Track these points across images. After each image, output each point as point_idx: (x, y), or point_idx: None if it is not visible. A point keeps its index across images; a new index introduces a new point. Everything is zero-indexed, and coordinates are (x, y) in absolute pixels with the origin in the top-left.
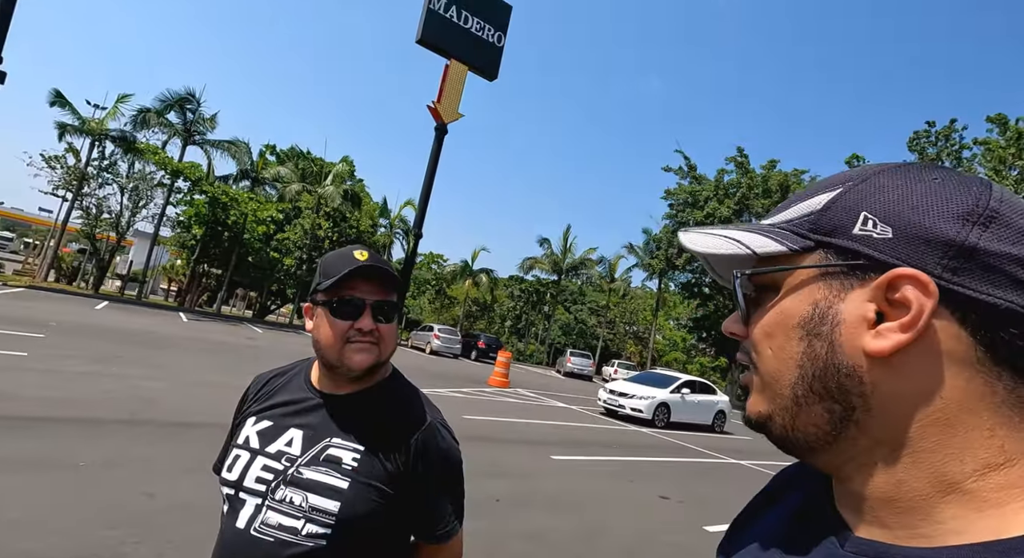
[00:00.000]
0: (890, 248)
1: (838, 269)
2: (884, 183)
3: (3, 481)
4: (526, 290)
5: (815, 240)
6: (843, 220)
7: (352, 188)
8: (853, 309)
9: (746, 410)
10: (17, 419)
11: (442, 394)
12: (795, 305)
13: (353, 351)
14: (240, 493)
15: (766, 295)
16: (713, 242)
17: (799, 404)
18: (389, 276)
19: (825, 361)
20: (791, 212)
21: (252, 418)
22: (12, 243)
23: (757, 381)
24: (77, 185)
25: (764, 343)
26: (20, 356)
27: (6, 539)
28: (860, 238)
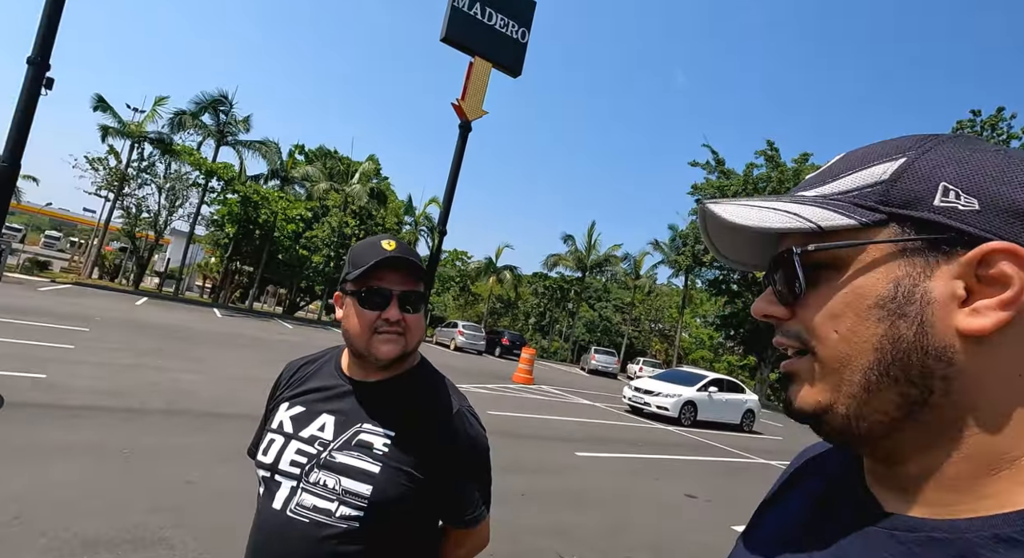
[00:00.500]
0: (978, 220)
1: (920, 244)
2: (953, 152)
3: (55, 467)
4: (550, 287)
5: (887, 213)
6: (920, 191)
7: (378, 186)
8: (942, 287)
9: (795, 401)
10: (66, 408)
11: (467, 390)
12: (871, 283)
13: (380, 341)
14: (276, 475)
15: (824, 273)
16: (760, 215)
17: (870, 390)
18: (416, 266)
19: (911, 343)
20: (844, 183)
21: (285, 403)
22: (60, 242)
23: (814, 368)
24: (118, 186)
25: (828, 325)
26: (68, 349)
27: (58, 521)
28: (944, 210)
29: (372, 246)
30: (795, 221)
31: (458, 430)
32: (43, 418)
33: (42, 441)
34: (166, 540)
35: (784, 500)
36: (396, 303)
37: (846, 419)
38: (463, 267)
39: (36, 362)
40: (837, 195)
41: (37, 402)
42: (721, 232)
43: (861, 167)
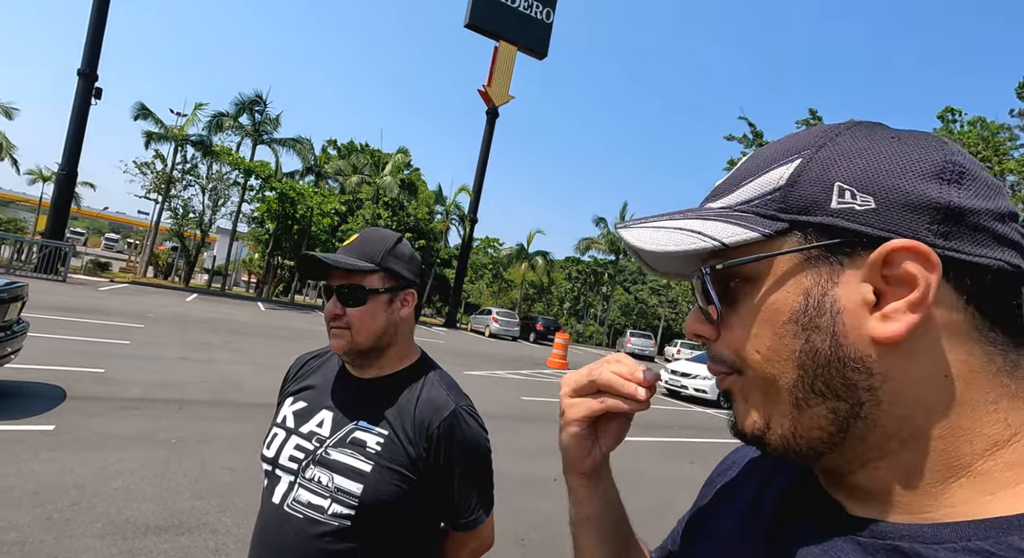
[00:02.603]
0: (876, 219)
1: (823, 250)
2: (847, 147)
3: (110, 455)
4: (583, 271)
5: (788, 220)
6: (816, 194)
7: (408, 177)
8: (850, 293)
9: (737, 423)
10: (122, 400)
11: (500, 376)
12: (782, 298)
13: (331, 336)
14: (276, 470)
15: (740, 290)
16: (667, 237)
17: (799, 408)
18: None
19: (828, 356)
20: (745, 191)
21: (290, 398)
22: (118, 243)
23: (744, 388)
24: (165, 188)
25: (749, 345)
26: (124, 344)
27: (110, 507)
28: (841, 212)
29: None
30: (699, 241)
31: (453, 431)
32: (102, 410)
33: (100, 432)
34: (210, 525)
35: (748, 486)
36: (335, 298)
37: (784, 439)
38: (495, 254)
39: (96, 357)
40: (740, 205)
41: (96, 395)
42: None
43: (760, 172)
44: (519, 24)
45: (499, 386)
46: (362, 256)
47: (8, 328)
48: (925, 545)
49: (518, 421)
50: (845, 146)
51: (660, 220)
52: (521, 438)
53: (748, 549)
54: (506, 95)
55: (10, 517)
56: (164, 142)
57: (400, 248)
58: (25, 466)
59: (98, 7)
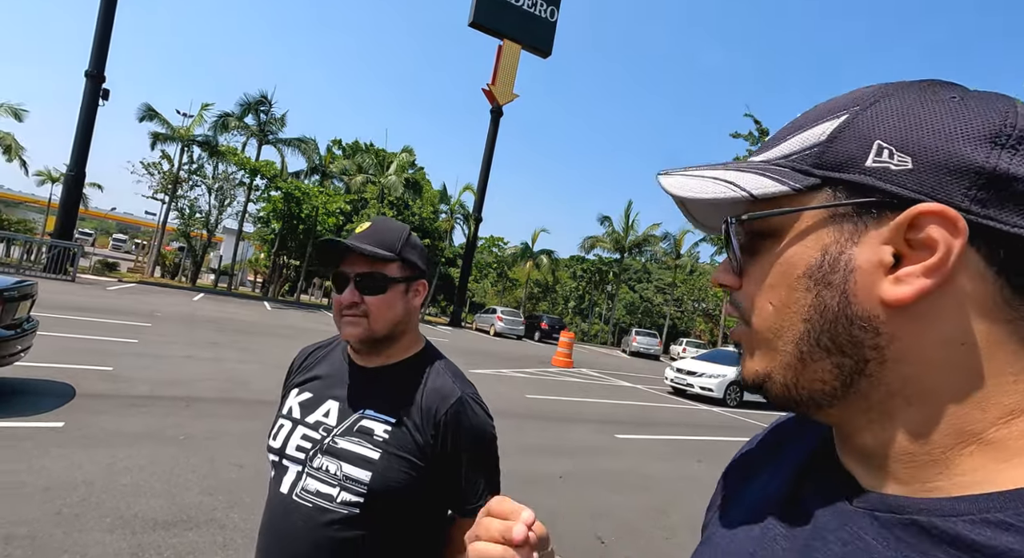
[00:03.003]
0: (910, 180)
1: (850, 208)
2: (897, 106)
3: (118, 452)
4: (588, 270)
5: (820, 177)
6: (853, 151)
7: (413, 176)
8: (868, 253)
9: (742, 369)
10: (131, 398)
11: (505, 374)
12: (801, 252)
13: (344, 324)
14: (283, 460)
15: (764, 243)
16: (700, 185)
17: (803, 361)
18: (373, 248)
19: (836, 313)
20: (788, 145)
21: (295, 389)
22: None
23: (752, 337)
24: (172, 188)
25: (763, 296)
26: (132, 343)
27: (119, 502)
28: (875, 171)
29: (351, 233)
30: (729, 190)
31: (460, 418)
32: (110, 408)
33: (109, 429)
34: (217, 520)
35: (761, 473)
36: (352, 286)
37: (784, 388)
38: (500, 253)
39: (105, 356)
40: (778, 160)
41: (105, 393)
42: (688, 203)
43: (807, 127)
44: (523, 22)
45: (504, 384)
46: (381, 245)
47: (18, 326)
48: (943, 518)
49: (523, 419)
50: (896, 104)
51: (701, 169)
52: (526, 436)
53: (762, 524)
54: (510, 94)
55: (21, 512)
56: (170, 143)
57: (413, 238)
58: (36, 462)
59: (105, 9)
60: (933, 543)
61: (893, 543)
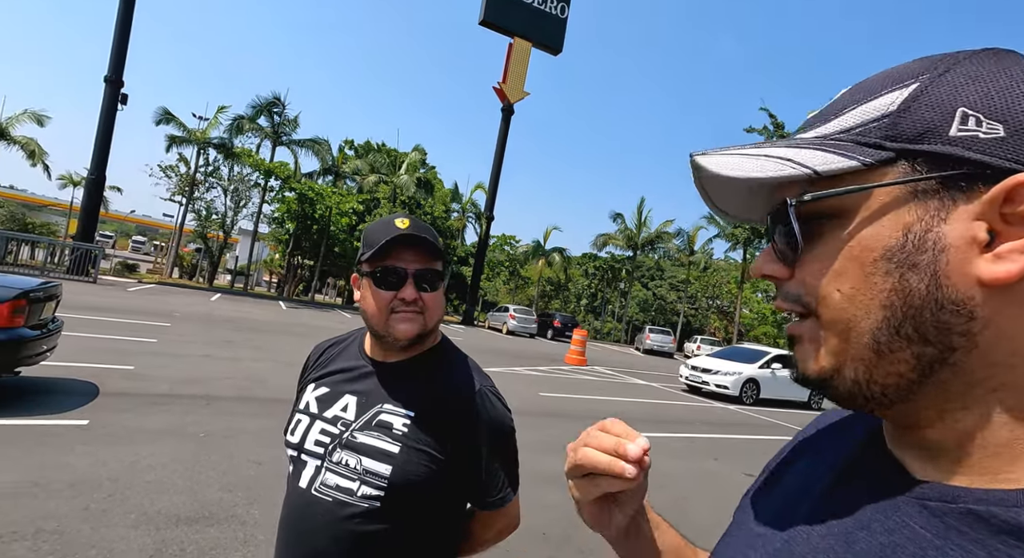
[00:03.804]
0: (1003, 149)
1: (933, 183)
2: (976, 72)
3: (142, 449)
4: (600, 267)
5: (895, 149)
6: (933, 120)
7: (425, 176)
8: (960, 230)
9: (799, 366)
10: (151, 396)
11: (518, 372)
12: (877, 233)
13: (398, 321)
14: (302, 455)
15: (827, 225)
16: (752, 163)
17: (880, 352)
18: (431, 244)
19: (923, 297)
20: (848, 118)
21: (312, 385)
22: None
23: (816, 330)
24: (189, 190)
25: (831, 284)
26: (152, 342)
27: (143, 499)
28: (961, 140)
29: (386, 225)
30: (789, 168)
31: (479, 410)
32: (133, 406)
33: (132, 426)
34: (237, 516)
35: (801, 464)
36: (412, 282)
37: (855, 383)
38: (512, 251)
39: (126, 355)
40: (838, 134)
41: (127, 391)
42: (717, 186)
43: (866, 99)
44: (533, 20)
45: (517, 382)
46: (434, 241)
47: (44, 326)
48: (1005, 508)
49: (537, 417)
50: (974, 70)
51: (743, 148)
52: (541, 433)
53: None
54: (521, 91)
55: (49, 508)
56: (187, 145)
57: None
58: (62, 459)
59: (123, 17)
60: (991, 532)
61: (943, 531)
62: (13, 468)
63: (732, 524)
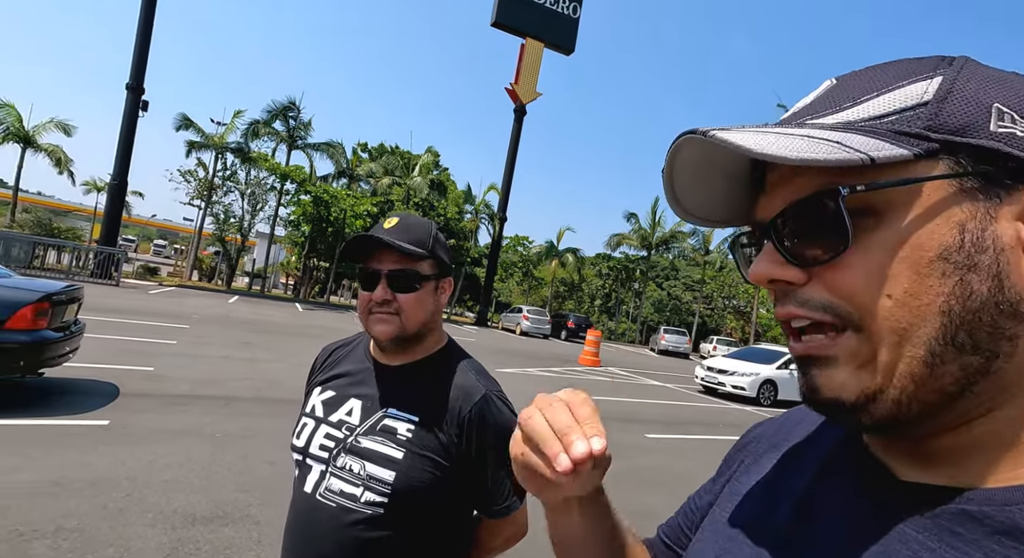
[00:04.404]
0: None
1: (979, 179)
2: (989, 73)
3: (160, 449)
4: (614, 267)
5: (939, 141)
6: (972, 114)
7: (438, 177)
8: (1009, 230)
9: (825, 389)
10: (170, 397)
11: (531, 374)
12: (932, 231)
13: (374, 322)
14: (307, 459)
15: (862, 222)
16: (801, 144)
17: (931, 365)
18: (406, 244)
19: (984, 300)
20: (875, 105)
21: (318, 388)
22: (166, 249)
23: (856, 345)
24: (207, 194)
25: (876, 289)
26: (171, 344)
27: (160, 498)
28: (1003, 137)
29: (375, 226)
30: (842, 151)
31: (484, 416)
32: (152, 406)
33: (151, 427)
34: (252, 516)
35: (776, 463)
36: (384, 283)
37: (896, 405)
38: (525, 252)
39: (146, 357)
40: (868, 121)
41: (147, 392)
42: (695, 180)
43: (889, 88)
44: (545, 20)
45: (530, 384)
46: (413, 241)
47: (67, 328)
48: (998, 507)
49: None
50: (985, 71)
51: (766, 128)
52: None
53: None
54: (533, 92)
55: (70, 506)
56: (205, 150)
57: (440, 235)
58: (83, 458)
59: (143, 26)
60: (986, 533)
61: (937, 533)
62: (35, 467)
63: (706, 523)
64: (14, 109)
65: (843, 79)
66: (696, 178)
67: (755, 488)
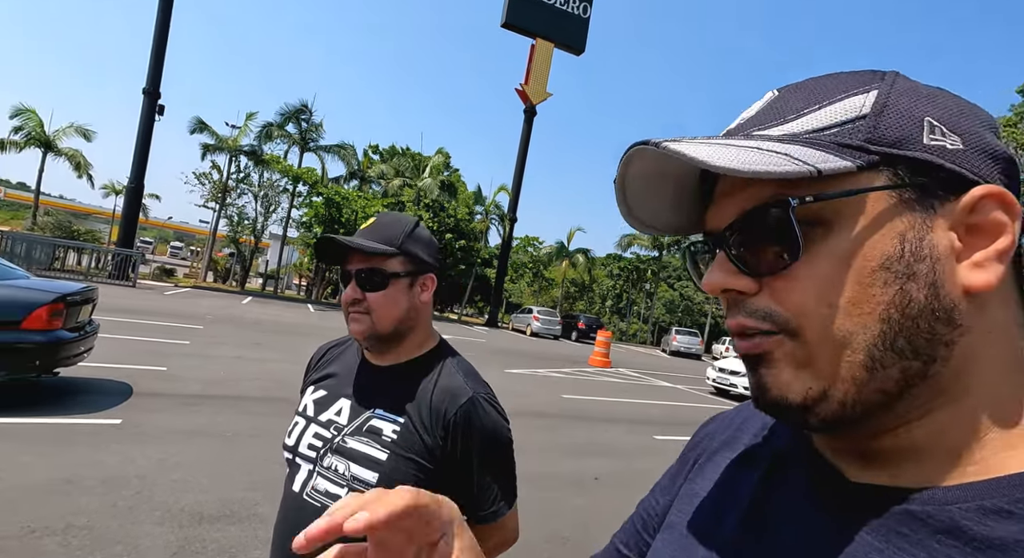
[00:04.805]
0: (964, 161)
1: (916, 191)
2: (917, 88)
3: (170, 448)
4: (625, 268)
5: (879, 153)
6: (906, 127)
7: (448, 178)
8: (942, 239)
9: (772, 390)
10: (182, 396)
11: (541, 374)
12: (875, 241)
13: (350, 321)
14: (296, 458)
15: (815, 231)
16: (749, 156)
17: (872, 369)
18: (368, 243)
19: (921, 307)
20: (816, 118)
21: (311, 387)
22: (182, 251)
23: (796, 350)
24: (221, 197)
25: (823, 297)
26: (184, 344)
27: (168, 497)
28: (935, 149)
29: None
30: (790, 164)
31: (471, 418)
32: (164, 406)
33: (162, 426)
34: (259, 515)
35: (725, 465)
36: (354, 282)
37: (841, 406)
38: (535, 253)
39: (159, 357)
40: (810, 133)
41: (159, 392)
42: (647, 190)
43: (829, 102)
44: (556, 21)
45: (540, 384)
46: (381, 239)
47: (81, 329)
48: (939, 507)
49: (559, 419)
50: (913, 86)
51: (713, 139)
52: (562, 436)
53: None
54: (544, 92)
55: (81, 504)
56: (219, 153)
57: (419, 231)
58: (95, 457)
59: (159, 32)
60: (928, 532)
61: (884, 534)
62: (48, 465)
63: (664, 527)
64: (35, 114)
65: (784, 91)
66: (647, 188)
67: (708, 491)
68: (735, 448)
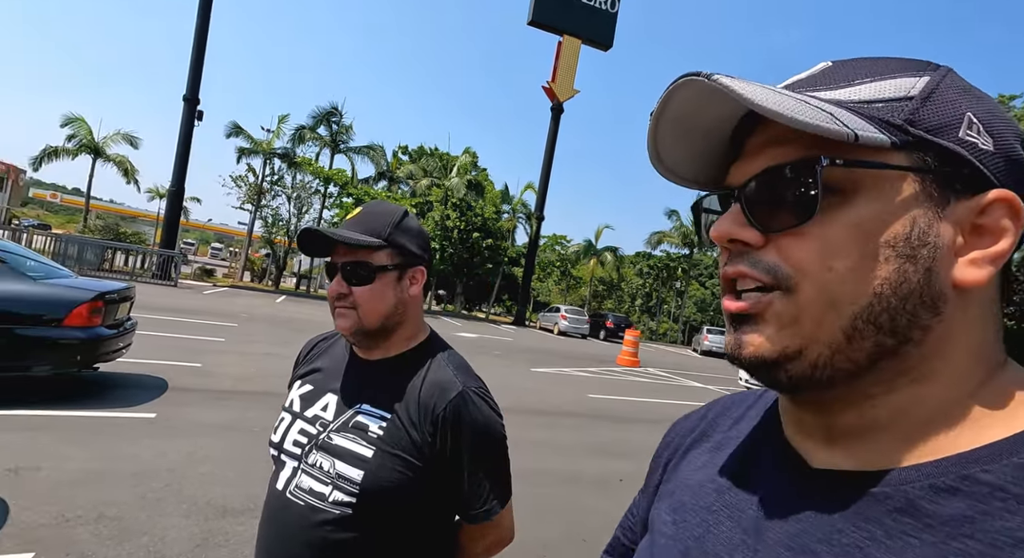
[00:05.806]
0: (993, 163)
1: (941, 179)
2: (968, 85)
3: (201, 442)
4: (655, 266)
5: (915, 136)
6: (947, 117)
7: (475, 178)
8: (950, 231)
9: (749, 345)
10: (215, 392)
11: (568, 373)
12: (887, 217)
13: (336, 316)
14: (281, 455)
15: (835, 198)
16: (797, 107)
17: (850, 337)
18: (353, 235)
19: (911, 290)
20: (866, 90)
21: (299, 382)
22: (221, 252)
23: (787, 308)
24: (257, 199)
25: (823, 259)
26: (219, 341)
27: (196, 490)
28: (967, 144)
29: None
30: (832, 123)
31: (461, 413)
32: (197, 401)
33: (194, 420)
34: None
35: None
36: (339, 276)
37: (812, 367)
38: (563, 251)
39: (195, 353)
40: (858, 103)
41: (193, 387)
42: (675, 135)
43: (882, 76)
44: (583, 16)
45: (566, 383)
46: (368, 231)
47: (119, 325)
48: (893, 487)
49: (584, 418)
50: (965, 83)
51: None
52: (587, 436)
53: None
54: (571, 89)
55: (113, 494)
56: (254, 156)
57: (407, 222)
58: (128, 449)
59: (198, 41)
60: (884, 511)
61: (844, 514)
62: (84, 456)
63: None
64: (85, 123)
65: (838, 63)
66: (677, 133)
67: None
68: (709, 440)
